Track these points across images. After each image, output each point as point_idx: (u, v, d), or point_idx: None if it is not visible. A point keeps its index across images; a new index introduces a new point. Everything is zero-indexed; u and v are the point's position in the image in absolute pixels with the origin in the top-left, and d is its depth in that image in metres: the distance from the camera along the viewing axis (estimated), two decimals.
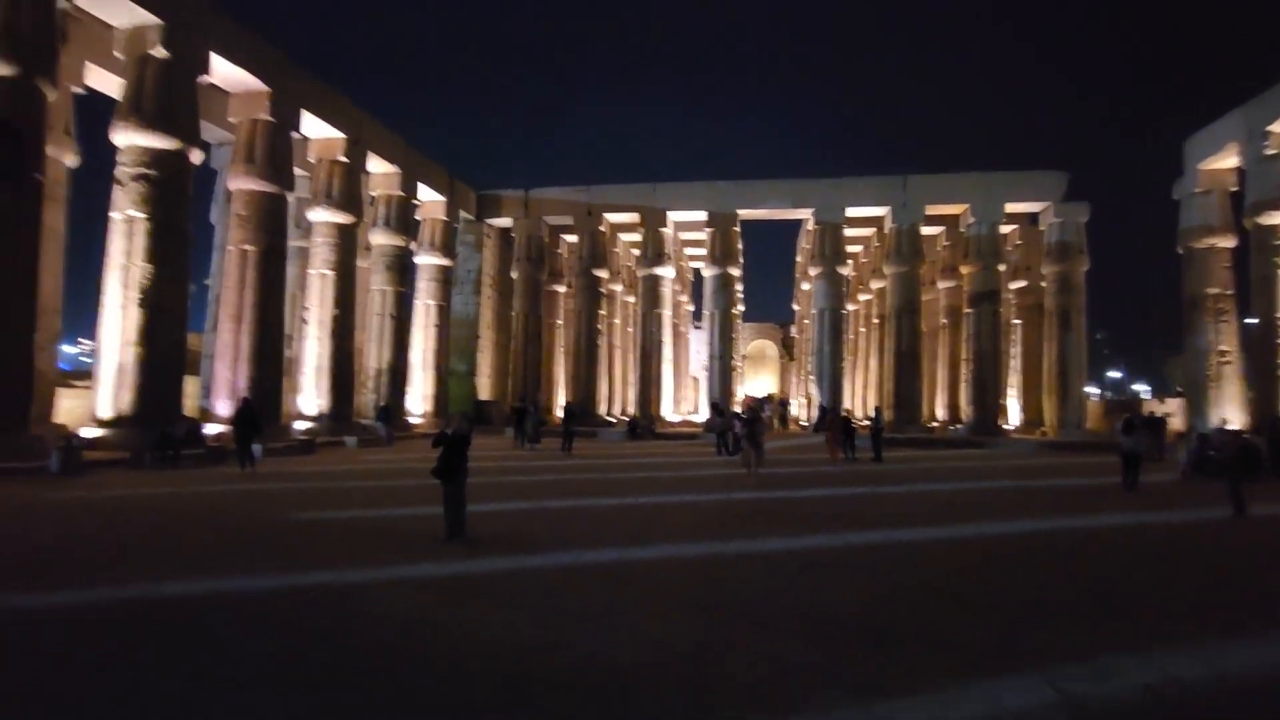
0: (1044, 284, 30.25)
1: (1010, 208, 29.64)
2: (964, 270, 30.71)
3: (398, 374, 26.87)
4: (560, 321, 35.81)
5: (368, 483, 13.87)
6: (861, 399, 39.59)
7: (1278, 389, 20.97)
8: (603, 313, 34.30)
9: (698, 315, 48.51)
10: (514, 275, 33.45)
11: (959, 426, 30.71)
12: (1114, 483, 13.68)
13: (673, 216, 32.29)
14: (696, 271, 43.21)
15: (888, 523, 9.96)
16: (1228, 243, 23.99)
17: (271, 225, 20.42)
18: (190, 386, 21.02)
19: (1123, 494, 13.10)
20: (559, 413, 28.78)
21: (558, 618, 5.27)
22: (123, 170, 16.56)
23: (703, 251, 33.43)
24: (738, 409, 26.18)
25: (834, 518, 10.46)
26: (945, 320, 33.71)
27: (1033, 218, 31.00)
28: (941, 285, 33.76)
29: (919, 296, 31.09)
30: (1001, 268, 30.04)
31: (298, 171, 21.99)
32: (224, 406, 19.11)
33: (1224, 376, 23.45)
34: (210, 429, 18.39)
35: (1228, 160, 23.35)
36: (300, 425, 22.49)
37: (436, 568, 6.84)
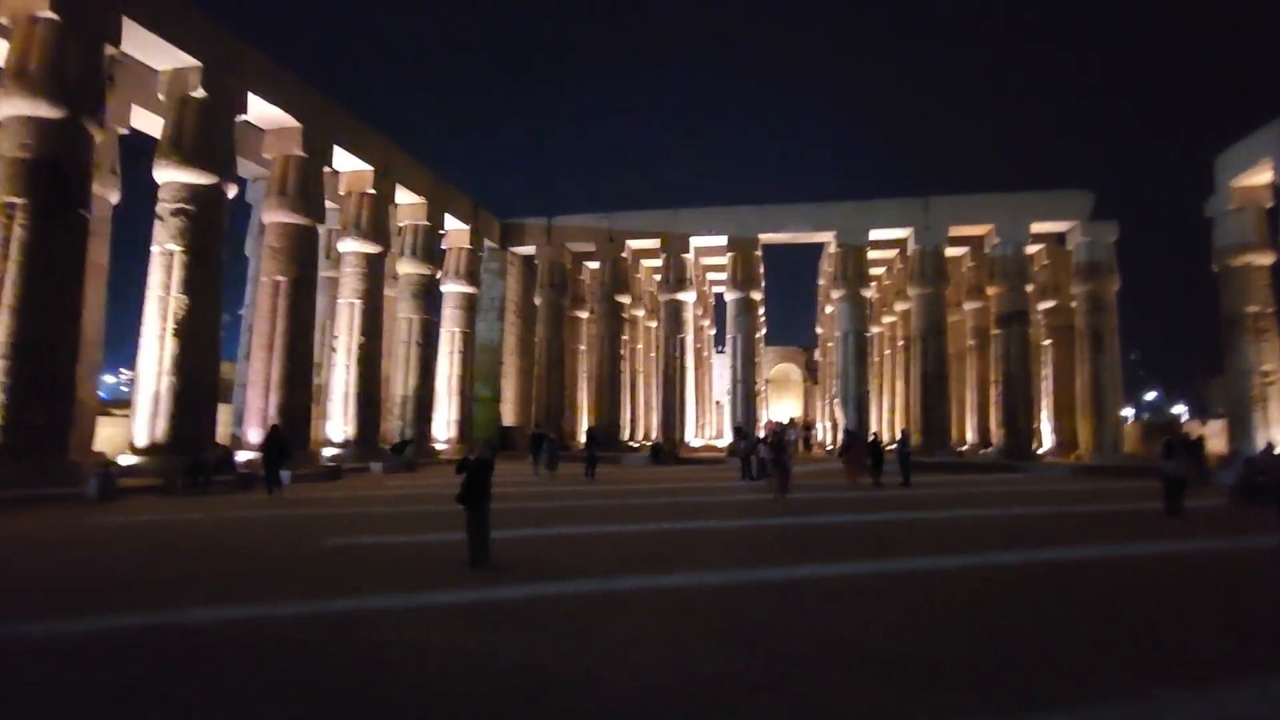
0: (1074, 304, 29.72)
1: (1036, 227, 29.28)
2: (990, 291, 30.31)
3: (423, 401, 27.16)
4: (583, 347, 36.02)
5: (392, 509, 13.96)
6: (889, 422, 38.99)
7: None
8: (625, 338, 34.45)
9: (720, 340, 48.45)
10: (537, 302, 33.80)
11: (989, 450, 30.04)
12: (1156, 508, 13.23)
13: (694, 241, 32.46)
14: (719, 296, 43.26)
15: (917, 550, 9.73)
16: (1265, 259, 23.38)
17: (303, 256, 20.97)
18: (223, 414, 21.49)
19: (1166, 520, 12.65)
20: (583, 438, 28.80)
21: (582, 646, 5.21)
22: (163, 205, 17.19)
23: (724, 275, 33.47)
24: (761, 433, 25.94)
25: (863, 545, 10.25)
26: (973, 342, 33.20)
27: (1060, 237, 30.55)
28: (968, 306, 33.33)
29: (945, 318, 30.71)
30: (1029, 288, 29.61)
31: (329, 205, 22.64)
32: (255, 433, 19.46)
33: (1269, 397, 22.67)
34: (241, 456, 18.72)
35: (1262, 176, 22.86)
36: (328, 452, 22.79)
37: (460, 594, 6.82)
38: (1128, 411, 39.37)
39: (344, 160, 23.23)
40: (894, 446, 24.45)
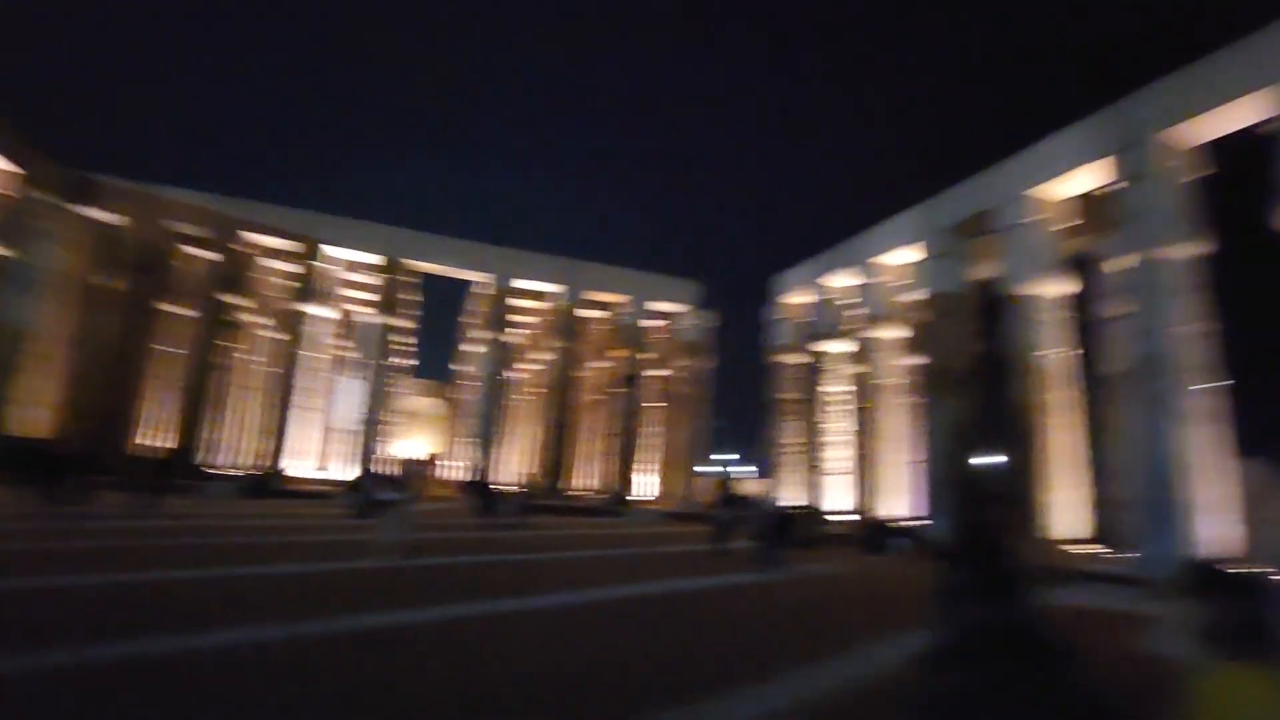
0: (678, 375, 35.42)
1: (657, 305, 34.37)
2: (615, 354, 34.26)
3: None
4: (182, 351, 29.37)
5: None
6: (519, 464, 40.42)
7: (819, 477, 27.49)
8: (237, 345, 29.23)
9: (357, 364, 44.65)
10: (112, 284, 26.56)
11: (602, 495, 33.28)
12: (709, 548, 16.05)
13: (334, 251, 29.65)
14: (361, 317, 40.03)
15: (510, 591, 9.89)
16: (798, 360, 31.30)
17: None
18: None
19: (714, 558, 15.41)
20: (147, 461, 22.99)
21: None
22: None
23: (370, 296, 31.20)
24: (389, 469, 24.26)
25: (464, 587, 10.01)
26: (596, 397, 36.88)
27: (678, 315, 36.39)
28: (597, 365, 37.06)
29: (576, 373, 33.54)
30: (649, 356, 34.36)
31: None
32: None
33: (787, 464, 29.97)
34: None
35: (799, 298, 30.80)
36: None
37: None
38: (715, 468, 47.97)
39: None
40: (520, 489, 25.30)
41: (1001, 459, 20.29)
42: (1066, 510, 19.35)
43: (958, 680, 1.56)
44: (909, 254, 24.90)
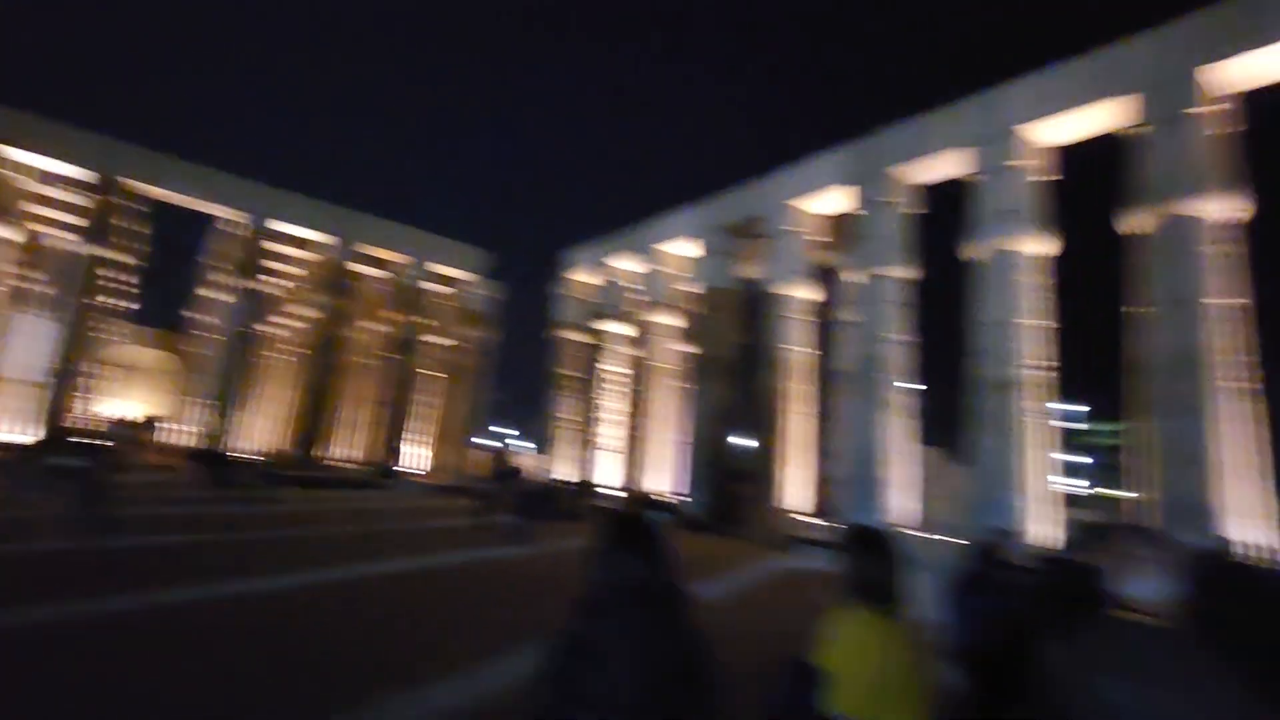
0: (459, 344, 34.07)
1: (442, 269, 32.62)
2: (390, 317, 31.93)
3: None
4: None
5: None
6: (268, 430, 35.92)
7: (593, 452, 28.33)
8: None
9: (52, 301, 36.04)
10: None
11: (365, 466, 30.94)
12: (471, 522, 15.72)
13: (26, 159, 23.57)
14: (60, 244, 32.26)
15: (216, 574, 8.71)
16: (580, 338, 31.90)
17: None
18: None
19: (473, 532, 15.16)
20: None
21: None
22: None
23: (74, 220, 25.29)
24: (90, 430, 19.95)
25: (162, 570, 8.55)
26: (366, 361, 34.12)
27: (464, 283, 34.84)
28: (367, 326, 34.21)
29: (343, 333, 30.66)
30: (429, 322, 32.50)
31: None
32: None
33: (561, 438, 30.54)
34: None
35: (587, 276, 31.36)
36: None
37: None
38: (493, 441, 47.01)
39: None
40: (265, 458, 22.44)
41: (751, 441, 22.69)
42: (797, 486, 22.28)
43: (595, 627, 1.85)
44: (689, 247, 26.58)
